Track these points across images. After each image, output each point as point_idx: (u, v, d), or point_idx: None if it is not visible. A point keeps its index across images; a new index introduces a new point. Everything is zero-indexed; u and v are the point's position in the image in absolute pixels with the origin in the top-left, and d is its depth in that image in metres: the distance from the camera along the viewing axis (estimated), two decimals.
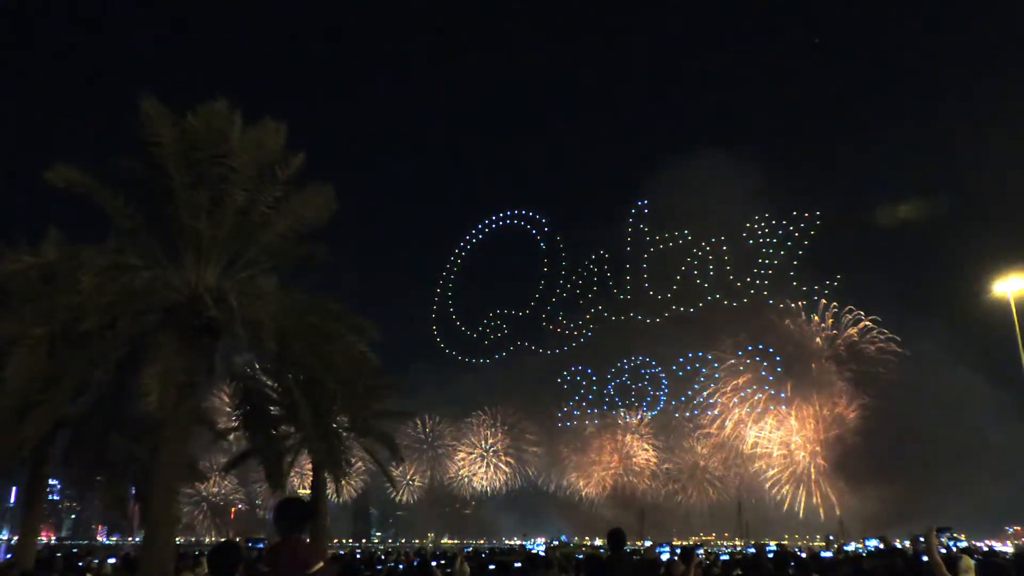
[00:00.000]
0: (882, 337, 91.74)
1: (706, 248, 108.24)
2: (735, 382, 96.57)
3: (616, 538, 10.95)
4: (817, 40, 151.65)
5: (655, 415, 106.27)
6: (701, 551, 31.02)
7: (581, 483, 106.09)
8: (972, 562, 10.39)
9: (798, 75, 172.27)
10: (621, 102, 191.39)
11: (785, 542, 70.01)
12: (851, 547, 58.72)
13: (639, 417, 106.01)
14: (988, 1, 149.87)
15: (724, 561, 27.61)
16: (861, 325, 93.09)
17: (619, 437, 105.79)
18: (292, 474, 29.68)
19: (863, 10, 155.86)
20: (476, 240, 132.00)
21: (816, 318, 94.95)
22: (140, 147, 16.16)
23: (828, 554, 42.57)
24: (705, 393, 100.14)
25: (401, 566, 28.66)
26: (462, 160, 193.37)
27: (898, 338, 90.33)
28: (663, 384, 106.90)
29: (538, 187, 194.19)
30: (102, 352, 17.00)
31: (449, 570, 25.00)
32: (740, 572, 19.43)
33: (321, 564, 6.87)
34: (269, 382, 21.47)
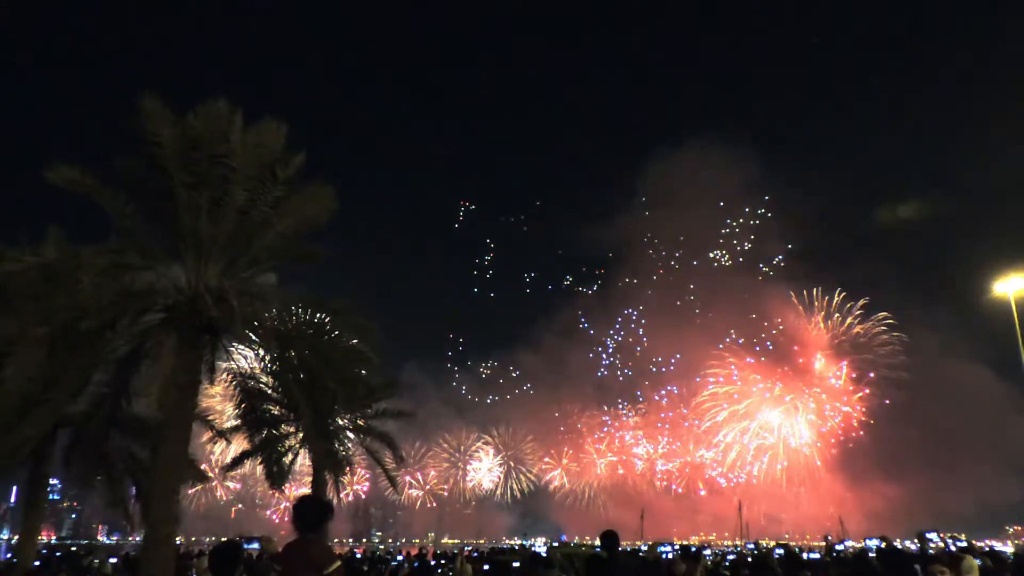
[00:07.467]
0: (882, 336, 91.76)
1: (697, 246, 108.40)
2: (734, 378, 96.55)
3: (611, 539, 11.02)
4: (816, 40, 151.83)
5: (653, 414, 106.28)
6: (708, 552, 30.60)
7: (580, 483, 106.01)
8: (976, 562, 10.35)
9: (799, 74, 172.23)
10: (616, 95, 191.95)
11: (786, 541, 69.76)
12: (846, 546, 58.32)
13: (638, 416, 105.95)
14: (988, 1, 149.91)
15: (732, 560, 27.48)
16: (860, 319, 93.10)
17: (618, 436, 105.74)
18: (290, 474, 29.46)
19: (864, 8, 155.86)
20: (472, 237, 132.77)
21: (817, 312, 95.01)
22: (140, 147, 16.11)
23: (815, 555, 42.10)
24: (695, 390, 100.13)
25: (405, 563, 28.51)
26: (460, 156, 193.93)
27: (902, 335, 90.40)
28: (659, 378, 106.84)
29: (538, 184, 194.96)
30: (102, 352, 16.96)
31: (451, 567, 24.97)
32: (748, 573, 19.24)
33: (338, 563, 6.74)
34: (269, 382, 21.42)
